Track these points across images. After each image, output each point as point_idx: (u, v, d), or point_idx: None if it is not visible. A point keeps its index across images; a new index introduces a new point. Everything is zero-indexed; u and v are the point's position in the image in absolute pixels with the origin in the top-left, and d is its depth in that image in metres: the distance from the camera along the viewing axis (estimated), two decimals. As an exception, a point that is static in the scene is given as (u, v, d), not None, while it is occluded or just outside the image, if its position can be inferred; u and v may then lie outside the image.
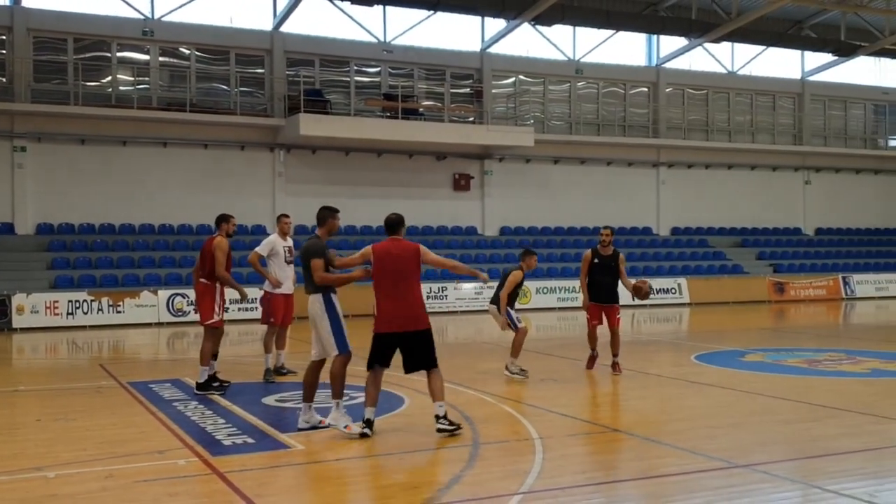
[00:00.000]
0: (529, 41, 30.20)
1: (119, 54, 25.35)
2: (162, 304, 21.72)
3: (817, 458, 7.25)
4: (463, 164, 28.84)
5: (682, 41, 31.36)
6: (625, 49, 31.91)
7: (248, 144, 26.10)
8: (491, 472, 6.76)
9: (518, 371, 11.51)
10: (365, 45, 28.05)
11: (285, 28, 26.73)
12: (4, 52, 24.06)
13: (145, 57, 25.67)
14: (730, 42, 31.41)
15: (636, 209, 31.62)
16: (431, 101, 28.99)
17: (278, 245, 11.47)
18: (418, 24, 28.18)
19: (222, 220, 10.67)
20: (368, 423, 7.92)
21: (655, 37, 31.94)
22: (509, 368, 11.58)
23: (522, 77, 30.43)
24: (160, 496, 6.14)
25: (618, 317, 12.19)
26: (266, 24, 26.85)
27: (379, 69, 28.38)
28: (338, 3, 26.42)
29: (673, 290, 27.72)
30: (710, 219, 32.86)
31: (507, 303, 11.69)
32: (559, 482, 6.68)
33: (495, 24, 29.10)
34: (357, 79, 28.10)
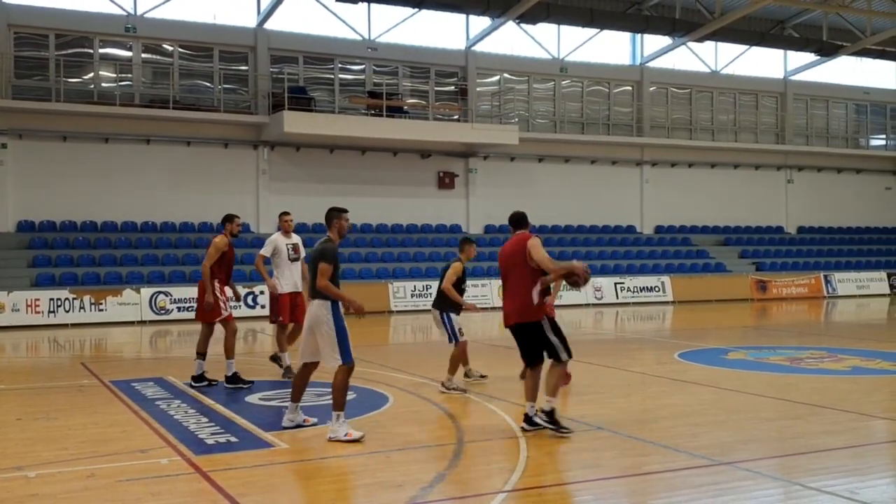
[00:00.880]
0: (514, 39, 30.24)
1: (101, 51, 25.19)
2: (145, 302, 21.62)
3: (799, 455, 7.29)
4: (447, 162, 28.83)
5: (666, 40, 31.47)
6: (609, 48, 32.00)
7: (232, 142, 26.00)
8: (475, 471, 6.76)
9: (456, 387, 10.21)
10: (349, 42, 27.99)
11: (269, 25, 26.64)
12: (-15, 47, 23.87)
13: (128, 53, 25.52)
14: (713, 41, 31.55)
15: (620, 208, 31.72)
16: (416, 98, 28.97)
17: (280, 243, 11.42)
18: (403, 21, 28.15)
19: (226, 220, 10.87)
20: (529, 420, 7.98)
21: (639, 36, 32.03)
22: (445, 385, 10.25)
23: (507, 75, 30.45)
24: (143, 495, 6.10)
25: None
26: (250, 20, 26.75)
27: (363, 67, 28.33)
28: (322, 0, 26.34)
29: (656, 289, 27.83)
30: (694, 217, 33.01)
31: (452, 307, 10.51)
32: (543, 480, 6.70)
33: (480, 23, 29.10)
34: (341, 76, 28.04)
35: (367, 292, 22.06)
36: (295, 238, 11.63)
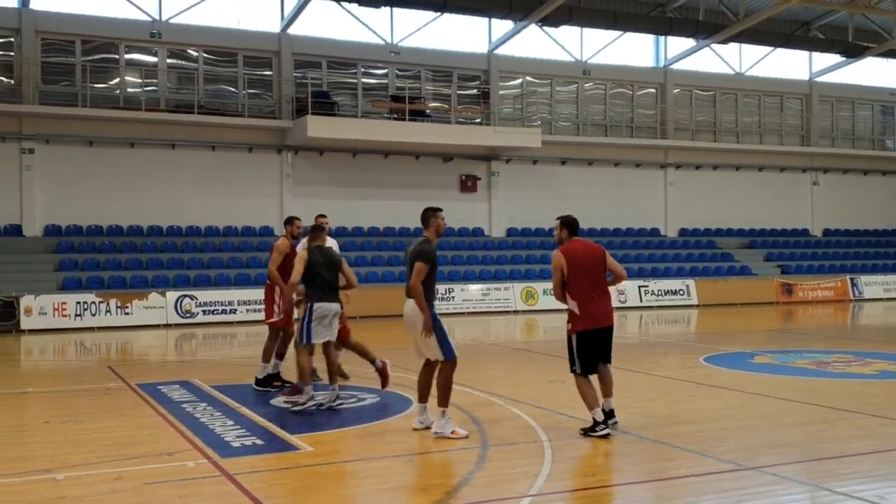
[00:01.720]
0: (537, 42, 30.19)
1: (127, 56, 25.42)
2: (170, 305, 21.77)
3: (827, 460, 7.22)
4: (470, 165, 28.84)
5: (689, 42, 31.31)
6: (632, 50, 31.88)
7: (256, 146, 26.14)
8: (500, 475, 6.75)
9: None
10: (372, 46, 28.07)
11: (293, 30, 26.77)
12: (13, 54, 24.14)
13: (153, 59, 25.73)
14: (737, 43, 31.33)
15: (644, 210, 31.58)
16: (438, 102, 29.00)
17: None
18: (425, 25, 28.19)
19: (286, 223, 11.04)
20: (606, 420, 8.09)
21: (663, 38, 31.89)
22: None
23: (530, 78, 30.41)
24: (169, 498, 6.14)
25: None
26: (274, 26, 26.90)
27: (386, 71, 28.40)
28: (345, 4, 26.43)
29: (681, 292, 27.67)
30: (718, 220, 32.80)
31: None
32: (568, 485, 6.68)
33: (502, 26, 29.08)
34: (364, 80, 28.12)
35: (389, 296, 22.02)
36: (329, 241, 11.08)
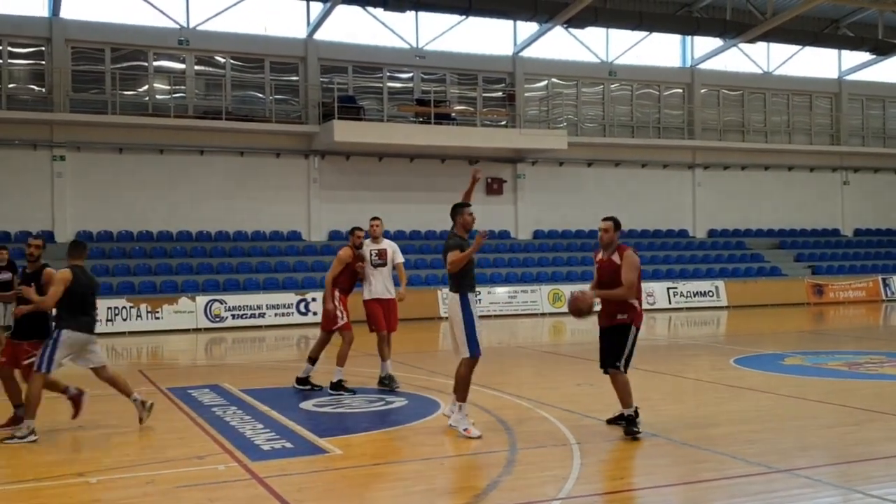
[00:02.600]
0: (562, 44, 30.11)
1: (155, 63, 25.67)
2: (200, 309, 21.93)
3: (860, 462, 7.14)
4: (496, 168, 28.82)
5: (716, 42, 31.10)
6: (659, 50, 31.71)
7: (284, 151, 26.30)
8: (528, 478, 6.74)
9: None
10: (397, 51, 28.15)
11: (319, 35, 26.90)
12: (44, 63, 24.47)
13: (181, 66, 25.97)
14: (765, 42, 31.09)
15: (672, 211, 31.40)
16: (464, 105, 29.02)
17: (366, 250, 11.14)
18: (450, 29, 28.22)
19: (349, 233, 11.16)
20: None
21: (690, 38, 31.71)
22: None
23: (555, 80, 30.34)
24: (201, 501, 6.20)
25: None
26: (300, 31, 27.05)
27: (411, 75, 28.47)
28: (370, 9, 26.53)
29: (710, 293, 27.47)
30: (747, 220, 32.54)
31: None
32: (597, 488, 6.66)
33: (528, 28, 29.06)
34: (390, 85, 28.20)
35: (416, 299, 22.10)
36: (384, 244, 11.23)
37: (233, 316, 22.25)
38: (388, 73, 28.19)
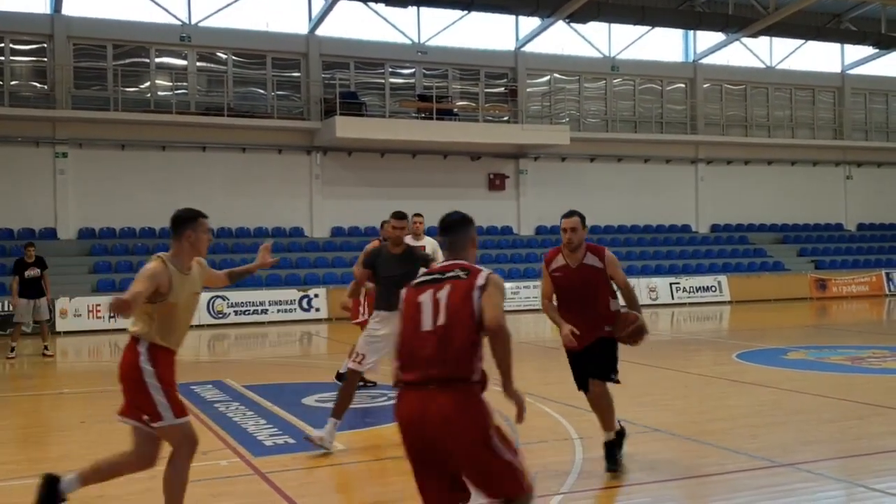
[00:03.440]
0: (564, 39, 30.09)
1: (157, 60, 25.67)
2: (202, 306, 21.94)
3: (862, 456, 7.15)
4: (498, 163, 28.80)
5: (719, 36, 31.04)
6: (661, 45, 31.65)
7: (286, 147, 26.29)
8: (531, 472, 6.72)
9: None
10: (399, 46, 28.13)
11: (320, 31, 26.89)
12: (46, 59, 24.48)
13: (183, 62, 25.96)
14: (768, 36, 31.02)
15: (675, 206, 31.36)
16: (466, 101, 28.99)
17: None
18: (452, 24, 28.19)
19: (381, 227, 10.99)
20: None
21: (692, 32, 31.65)
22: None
23: (557, 75, 30.31)
24: (203, 497, 6.20)
25: None
26: (301, 27, 27.03)
27: (413, 70, 28.45)
28: (372, 5, 26.52)
29: (713, 288, 27.45)
30: (751, 215, 32.49)
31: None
32: (600, 482, 6.65)
33: (529, 23, 29.02)
34: (392, 80, 28.18)
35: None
36: (424, 240, 10.82)
37: (235, 312, 22.27)
38: (390, 69, 28.16)
